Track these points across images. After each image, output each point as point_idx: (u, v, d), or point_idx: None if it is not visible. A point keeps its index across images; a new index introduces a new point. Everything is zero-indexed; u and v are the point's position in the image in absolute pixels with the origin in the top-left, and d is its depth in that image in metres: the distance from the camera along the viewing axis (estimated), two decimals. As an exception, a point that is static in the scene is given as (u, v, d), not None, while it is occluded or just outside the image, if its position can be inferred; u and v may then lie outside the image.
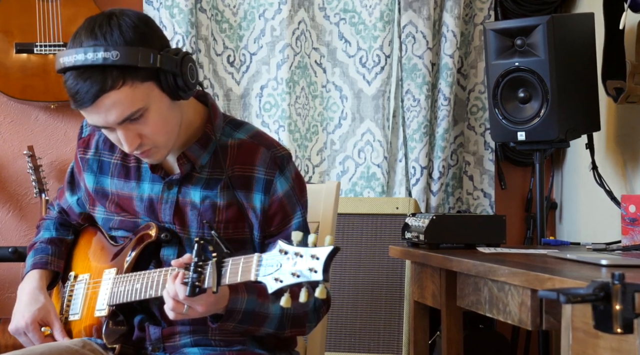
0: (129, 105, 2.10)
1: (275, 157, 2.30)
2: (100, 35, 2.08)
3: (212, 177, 2.30)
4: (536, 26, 3.57)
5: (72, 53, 2.08)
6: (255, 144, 2.31)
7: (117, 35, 2.08)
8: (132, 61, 2.07)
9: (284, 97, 4.16)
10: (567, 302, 1.55)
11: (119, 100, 2.08)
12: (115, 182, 2.37)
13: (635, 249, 2.97)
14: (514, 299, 2.49)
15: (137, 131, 2.15)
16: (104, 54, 2.05)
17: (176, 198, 2.31)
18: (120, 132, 2.15)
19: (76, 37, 2.12)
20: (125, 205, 2.37)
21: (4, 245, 4.15)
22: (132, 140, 2.15)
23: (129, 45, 2.07)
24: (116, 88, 2.07)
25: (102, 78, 2.06)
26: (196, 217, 2.29)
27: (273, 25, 4.19)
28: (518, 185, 4.48)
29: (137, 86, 2.09)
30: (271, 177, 2.29)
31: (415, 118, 4.19)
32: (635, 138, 3.70)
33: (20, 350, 2.30)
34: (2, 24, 4.01)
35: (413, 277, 3.32)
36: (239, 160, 2.30)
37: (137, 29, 2.11)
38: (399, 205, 3.92)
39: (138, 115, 2.12)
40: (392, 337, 3.82)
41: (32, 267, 2.48)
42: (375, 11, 4.21)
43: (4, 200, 4.18)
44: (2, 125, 4.19)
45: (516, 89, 3.67)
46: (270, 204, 2.29)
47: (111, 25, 2.10)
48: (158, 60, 2.10)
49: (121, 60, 2.06)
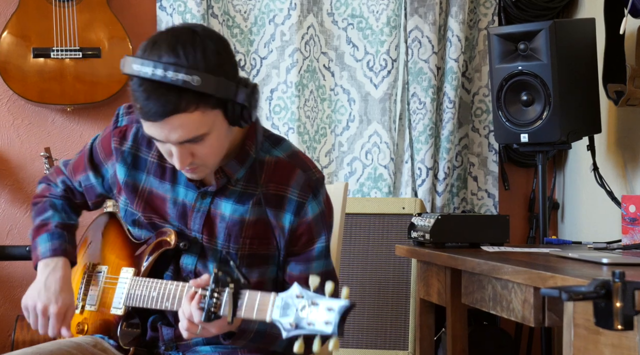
0: (195, 129, 2.04)
1: (310, 181, 2.27)
2: (183, 55, 2.01)
3: (246, 191, 2.26)
4: (539, 31, 3.57)
5: (149, 64, 2.00)
6: (292, 164, 2.27)
7: (200, 59, 2.01)
8: (210, 90, 2.01)
9: (293, 100, 4.16)
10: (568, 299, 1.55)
11: (187, 123, 2.03)
12: (150, 180, 2.32)
13: (635, 248, 2.97)
14: (517, 297, 2.49)
15: (192, 150, 2.10)
16: (185, 76, 1.98)
17: (208, 209, 2.27)
18: (176, 150, 2.09)
19: (155, 46, 2.04)
20: (156, 206, 2.32)
21: (21, 244, 4.16)
22: (185, 159, 2.10)
23: (210, 72, 2.01)
24: (188, 111, 2.01)
25: (176, 99, 2.00)
26: (224, 229, 2.26)
27: (283, 30, 4.19)
28: (521, 185, 4.47)
29: (207, 112, 2.04)
30: (304, 200, 2.25)
31: (421, 120, 4.19)
32: (635, 140, 3.70)
33: (31, 348, 2.29)
34: (20, 29, 4.03)
35: (419, 275, 3.32)
36: (274, 178, 2.26)
37: (219, 55, 2.05)
38: (405, 205, 3.92)
39: (200, 139, 2.07)
40: (399, 334, 3.82)
41: (53, 253, 2.37)
42: (382, 16, 4.21)
43: (22, 201, 4.19)
44: (20, 127, 4.20)
45: (519, 92, 3.66)
46: (299, 225, 2.26)
47: (194, 45, 2.03)
48: (233, 92, 2.05)
49: (201, 87, 1.99)
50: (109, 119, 4.25)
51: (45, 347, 2.30)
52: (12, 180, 4.19)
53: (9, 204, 4.19)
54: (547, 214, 3.80)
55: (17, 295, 4.19)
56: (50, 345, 2.32)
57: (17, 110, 4.19)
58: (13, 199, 4.19)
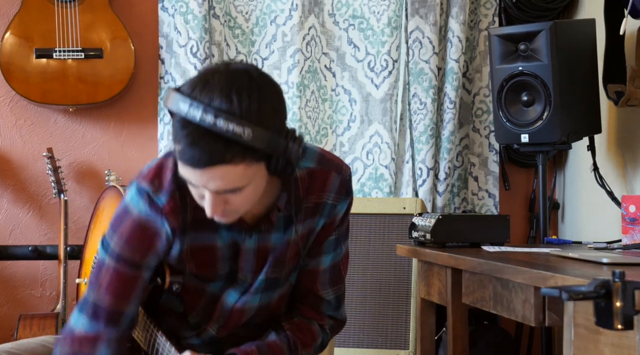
0: (236, 181, 1.91)
1: (344, 181, 2.21)
2: (237, 102, 1.85)
3: (289, 213, 2.15)
4: (539, 32, 3.57)
5: (199, 108, 1.85)
6: (325, 171, 2.18)
7: (255, 110, 1.86)
8: (260, 145, 1.86)
9: (294, 101, 4.17)
10: (569, 299, 1.55)
11: (229, 175, 1.89)
12: (191, 236, 2.11)
13: (635, 248, 2.97)
14: (517, 296, 2.49)
15: (226, 199, 1.96)
16: (236, 128, 1.83)
17: (257, 246, 2.15)
18: (209, 196, 1.95)
19: (206, 87, 1.89)
20: (204, 258, 2.15)
21: (25, 243, 4.16)
22: (217, 207, 1.96)
23: (263, 127, 1.86)
24: (232, 163, 1.87)
25: (223, 150, 1.85)
26: (272, 259, 2.18)
27: (284, 31, 4.19)
28: (522, 186, 4.47)
29: (251, 165, 1.90)
30: (336, 202, 2.21)
31: (421, 121, 4.19)
32: (635, 140, 3.70)
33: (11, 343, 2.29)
34: (22, 30, 4.03)
35: (420, 275, 3.32)
36: (312, 190, 2.17)
37: (274, 106, 1.92)
38: (406, 205, 3.92)
39: (238, 190, 1.93)
40: (400, 333, 3.82)
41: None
42: (383, 17, 4.21)
43: (24, 201, 4.20)
44: (22, 128, 4.20)
45: (520, 93, 3.66)
46: (325, 224, 2.22)
47: (250, 93, 1.88)
48: (283, 148, 1.91)
49: (251, 141, 1.85)
50: (111, 120, 4.27)
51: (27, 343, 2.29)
52: (14, 181, 4.19)
53: (12, 204, 4.19)
54: (547, 214, 3.80)
55: (19, 295, 4.19)
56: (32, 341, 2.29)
57: (20, 110, 4.20)
58: (15, 199, 4.19)
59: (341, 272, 2.33)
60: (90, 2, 4.05)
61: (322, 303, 2.32)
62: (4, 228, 4.18)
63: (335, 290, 2.33)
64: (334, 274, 2.30)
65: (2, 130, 4.19)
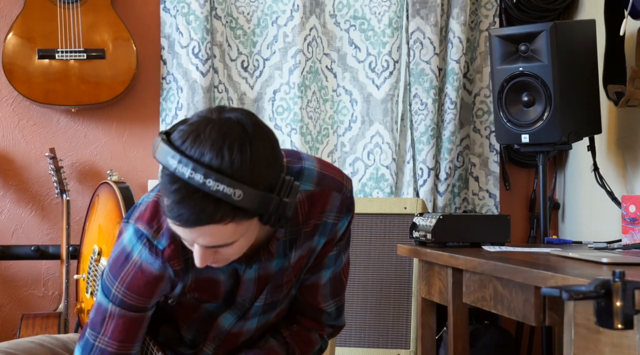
0: (226, 238, 1.84)
1: (345, 198, 2.14)
2: (228, 160, 1.76)
3: (287, 239, 2.09)
4: (539, 32, 3.57)
5: (188, 165, 1.76)
6: (325, 191, 2.11)
7: (247, 169, 1.77)
8: (251, 206, 1.78)
9: (296, 101, 4.17)
10: (569, 299, 1.55)
11: (218, 233, 1.82)
12: (193, 271, 2.06)
13: (635, 248, 2.97)
14: (518, 296, 2.49)
15: (217, 250, 1.89)
16: (226, 188, 1.74)
17: (257, 275, 2.10)
18: (198, 249, 1.88)
19: (197, 141, 1.79)
20: (206, 289, 2.11)
21: (27, 243, 4.16)
22: (206, 259, 1.90)
23: (254, 186, 1.78)
24: (222, 223, 1.79)
25: (212, 210, 1.77)
26: (270, 286, 2.14)
27: (285, 32, 4.20)
28: (522, 186, 4.47)
29: (242, 223, 1.82)
30: (337, 220, 2.15)
31: (422, 121, 4.19)
32: (635, 140, 3.70)
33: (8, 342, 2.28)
34: (25, 31, 4.03)
35: (420, 275, 3.32)
36: (312, 214, 2.11)
37: (267, 161, 1.81)
38: (407, 205, 3.92)
39: (228, 244, 1.87)
40: (401, 333, 3.82)
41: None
42: (384, 18, 4.21)
43: (27, 201, 4.20)
44: (25, 128, 4.20)
45: (520, 93, 3.66)
46: (326, 243, 2.17)
47: (242, 149, 1.78)
48: (275, 206, 1.82)
49: (242, 202, 1.76)
50: (113, 120, 4.28)
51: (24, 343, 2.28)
52: (17, 181, 4.20)
53: (14, 204, 4.19)
54: (547, 214, 3.80)
55: (22, 295, 4.20)
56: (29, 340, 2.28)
57: (22, 111, 4.20)
58: (18, 199, 4.19)
59: (342, 282, 2.30)
60: (93, 3, 4.05)
61: (323, 315, 2.29)
62: (6, 228, 4.18)
63: (337, 301, 2.30)
64: (335, 284, 2.27)
65: (5, 130, 4.19)
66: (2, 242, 4.15)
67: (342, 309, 2.34)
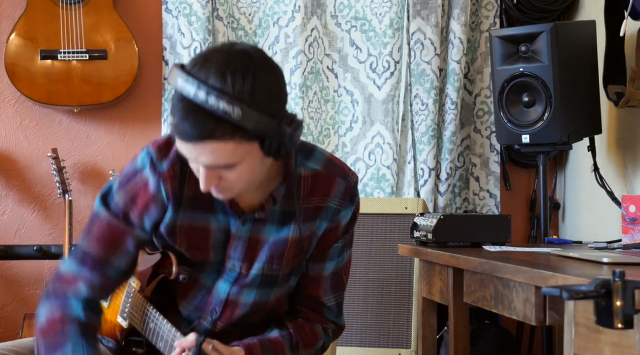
0: (226, 158, 1.94)
1: (350, 187, 2.21)
2: (230, 82, 1.88)
3: (287, 209, 2.17)
4: (540, 33, 3.57)
5: (193, 84, 1.89)
6: (331, 175, 2.19)
7: (247, 91, 1.89)
8: (250, 125, 1.89)
9: (297, 102, 4.17)
10: (569, 298, 1.55)
11: (219, 150, 1.92)
12: (188, 214, 2.16)
13: (635, 248, 2.97)
14: (518, 296, 2.50)
15: (220, 175, 1.99)
16: (226, 106, 1.86)
17: (249, 235, 2.17)
18: (203, 171, 1.98)
19: (205, 65, 1.92)
20: (196, 238, 2.18)
21: (29, 243, 4.17)
22: (210, 181, 1.99)
23: (254, 108, 1.89)
24: (222, 140, 1.90)
25: (213, 126, 1.89)
26: (267, 253, 2.19)
27: (287, 33, 4.20)
28: (522, 186, 4.47)
29: (242, 144, 1.92)
30: (341, 207, 2.20)
31: (423, 121, 4.19)
32: (635, 141, 3.70)
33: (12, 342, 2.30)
34: (27, 31, 4.03)
35: (421, 275, 3.33)
36: (315, 192, 2.18)
37: (269, 88, 1.93)
38: (407, 205, 3.92)
39: (230, 166, 1.96)
40: (402, 332, 3.82)
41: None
42: (385, 19, 4.21)
43: (29, 201, 4.20)
44: (27, 128, 4.20)
45: (521, 94, 3.67)
46: (329, 230, 2.22)
47: (245, 73, 1.90)
48: (274, 130, 1.93)
49: (240, 120, 1.87)
50: (115, 120, 4.28)
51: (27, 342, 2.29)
52: (19, 181, 4.20)
53: (17, 204, 4.20)
54: (548, 213, 3.81)
55: (24, 295, 4.20)
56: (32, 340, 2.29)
57: (25, 111, 4.20)
58: (20, 199, 4.19)
59: (343, 280, 2.34)
60: (95, 3, 4.05)
61: (324, 309, 2.32)
62: (9, 228, 4.18)
63: (337, 297, 2.33)
64: (336, 280, 2.31)
65: (8, 130, 4.20)
66: (5, 242, 4.15)
67: (341, 307, 2.36)
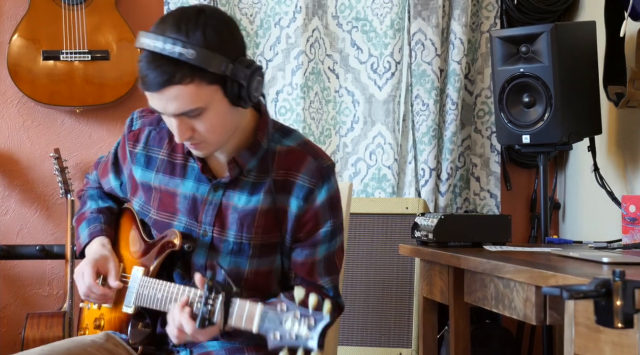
0: (190, 102, 2.09)
1: (321, 168, 2.28)
2: (184, 30, 2.06)
3: (258, 181, 2.27)
4: (540, 34, 3.57)
5: (152, 37, 2.07)
6: (303, 152, 2.29)
7: (199, 35, 2.06)
8: (204, 64, 2.05)
9: (298, 102, 4.17)
10: (570, 298, 1.56)
11: (182, 95, 2.07)
12: (159, 177, 2.35)
13: (635, 247, 2.97)
14: (519, 295, 2.50)
15: (192, 125, 2.14)
16: (182, 49, 2.04)
17: (220, 201, 2.29)
18: (175, 122, 2.14)
19: (161, 22, 2.11)
20: (167, 202, 2.34)
21: (32, 243, 4.17)
22: (184, 133, 2.15)
23: (206, 48, 2.06)
24: (183, 83, 2.06)
25: (172, 70, 2.05)
26: (237, 220, 2.27)
27: (288, 33, 4.20)
28: (523, 186, 4.47)
29: (203, 87, 2.08)
30: (313, 186, 2.27)
31: (424, 122, 4.19)
32: (635, 141, 3.70)
33: (47, 345, 2.31)
34: (30, 32, 4.04)
35: (422, 274, 3.33)
36: (284, 165, 2.27)
37: (220, 33, 2.10)
38: (408, 205, 3.92)
39: (196, 113, 2.11)
40: (402, 332, 3.82)
41: (90, 237, 2.44)
42: (386, 19, 4.21)
43: (32, 201, 4.20)
44: (30, 129, 4.21)
45: (521, 94, 3.67)
46: (306, 211, 2.28)
47: (197, 22, 2.08)
48: (229, 69, 2.09)
49: (195, 60, 2.04)
50: (117, 121, 4.29)
51: (62, 345, 2.32)
52: (22, 181, 4.20)
53: (19, 204, 4.20)
54: (548, 213, 3.81)
55: (27, 294, 4.20)
56: (65, 342, 2.33)
57: (27, 111, 4.20)
58: (23, 199, 4.20)
59: (336, 264, 2.38)
60: (97, 4, 4.05)
61: (322, 289, 2.35)
62: (11, 228, 4.19)
63: (332, 280, 2.37)
64: (329, 264, 2.35)
65: (10, 131, 4.20)
66: (8, 241, 4.16)
67: (338, 290, 2.41)
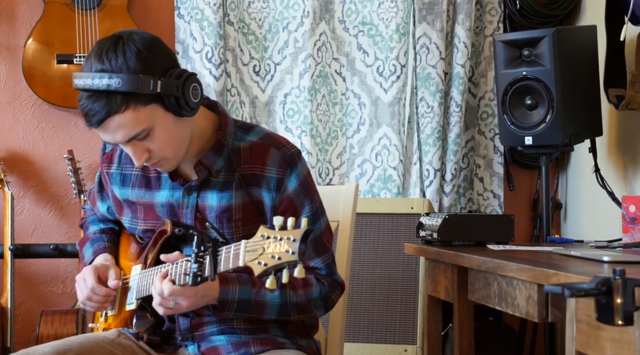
0: (133, 127, 2.11)
1: (286, 156, 2.29)
2: (107, 61, 2.09)
3: (228, 179, 2.29)
4: (542, 38, 3.57)
5: (83, 76, 2.09)
6: (265, 144, 2.30)
7: (121, 62, 2.08)
8: (133, 88, 2.07)
9: (306, 104, 4.17)
10: (571, 296, 1.56)
11: (124, 123, 2.10)
12: (136, 192, 2.38)
13: (635, 247, 2.97)
14: (521, 293, 2.50)
15: (145, 147, 2.17)
16: (108, 80, 2.06)
17: (196, 203, 2.31)
18: (129, 148, 2.17)
19: (87, 60, 2.13)
20: (149, 212, 2.37)
21: (46, 242, 4.18)
22: (140, 156, 2.17)
23: (131, 72, 2.08)
24: (120, 112, 2.08)
25: (107, 102, 2.07)
26: (215, 219, 2.29)
27: (296, 37, 4.20)
28: (525, 186, 4.47)
29: (140, 109, 2.10)
30: (282, 175, 2.27)
31: (429, 124, 4.19)
32: (635, 142, 3.69)
33: (61, 340, 2.32)
34: (44, 36, 4.05)
35: (427, 273, 3.33)
36: (250, 160, 2.29)
37: (140, 54, 2.10)
38: (413, 205, 3.92)
39: (143, 135, 2.13)
40: (408, 329, 3.82)
41: (94, 255, 2.46)
42: (391, 24, 4.22)
43: (46, 201, 4.21)
44: (44, 130, 4.21)
45: (523, 97, 3.67)
46: (281, 201, 2.28)
47: (117, 51, 2.10)
48: (158, 86, 2.10)
49: (123, 87, 2.06)
50: (129, 123, 4.27)
51: (75, 339, 2.32)
52: (36, 182, 4.21)
53: (34, 204, 4.21)
54: (550, 213, 3.81)
55: (41, 292, 4.21)
56: (78, 338, 2.34)
57: (42, 114, 4.21)
58: (37, 199, 4.21)
59: (325, 244, 2.37)
60: (109, 9, 4.06)
61: (315, 270, 2.36)
62: (26, 227, 4.19)
63: (324, 259, 2.36)
64: (318, 245, 2.34)
65: (25, 133, 4.21)
66: (22, 240, 4.16)
67: (332, 266, 2.40)
